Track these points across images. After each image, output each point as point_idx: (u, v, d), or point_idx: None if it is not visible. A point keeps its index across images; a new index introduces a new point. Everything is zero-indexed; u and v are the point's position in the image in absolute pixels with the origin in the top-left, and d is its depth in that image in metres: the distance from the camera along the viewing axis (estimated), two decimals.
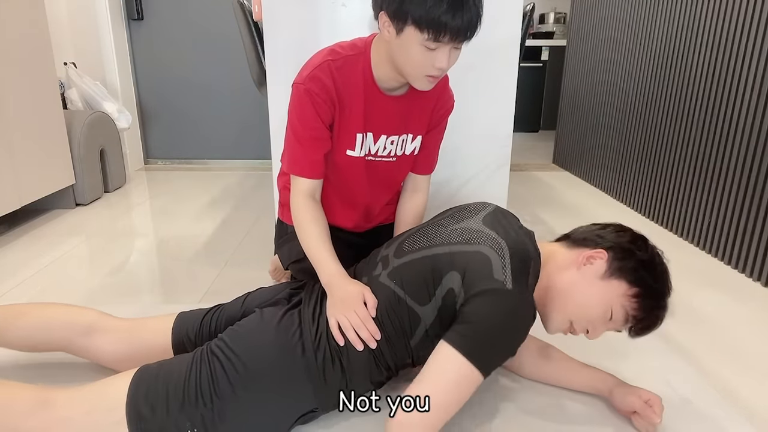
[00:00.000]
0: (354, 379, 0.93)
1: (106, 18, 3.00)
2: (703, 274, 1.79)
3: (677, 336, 1.39)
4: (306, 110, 1.09)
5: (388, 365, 0.95)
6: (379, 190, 1.28)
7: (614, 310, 0.91)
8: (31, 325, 1.08)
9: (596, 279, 0.92)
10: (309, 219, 1.11)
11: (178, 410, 0.85)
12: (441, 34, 0.92)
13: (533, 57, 4.58)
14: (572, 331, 0.97)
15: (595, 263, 0.93)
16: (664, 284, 0.92)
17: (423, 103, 1.18)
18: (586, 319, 0.93)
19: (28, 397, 0.84)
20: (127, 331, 1.07)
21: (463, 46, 0.98)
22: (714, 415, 1.04)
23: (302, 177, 1.13)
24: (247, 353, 0.91)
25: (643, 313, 0.91)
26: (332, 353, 0.92)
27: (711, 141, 1.97)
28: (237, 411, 0.87)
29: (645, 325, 0.93)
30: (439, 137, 1.28)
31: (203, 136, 3.45)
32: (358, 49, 1.11)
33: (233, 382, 0.88)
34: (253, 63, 1.90)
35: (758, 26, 1.71)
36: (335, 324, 0.93)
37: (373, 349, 0.92)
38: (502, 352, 0.87)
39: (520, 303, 0.86)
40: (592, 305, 0.92)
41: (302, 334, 0.94)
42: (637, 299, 0.91)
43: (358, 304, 0.94)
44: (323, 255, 1.06)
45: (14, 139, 2.05)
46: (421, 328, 0.92)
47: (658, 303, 0.92)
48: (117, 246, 2.02)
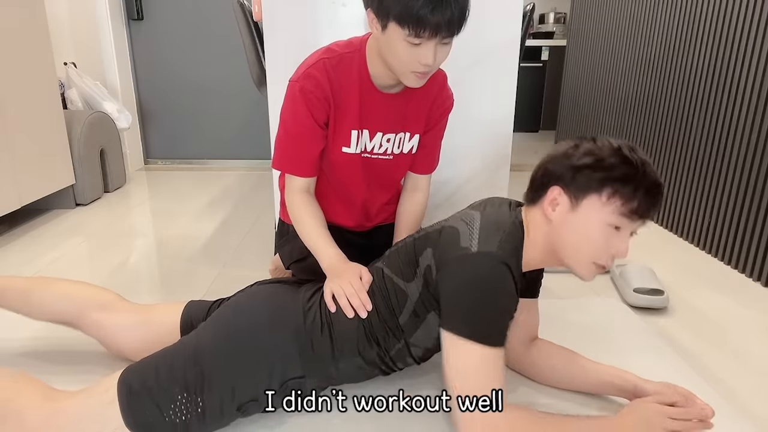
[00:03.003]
0: (343, 348, 0.94)
1: (106, 18, 3.00)
2: (703, 274, 1.79)
3: (677, 336, 1.39)
4: (299, 108, 1.10)
5: (377, 339, 0.95)
6: (377, 189, 1.28)
7: (610, 221, 0.86)
8: (55, 293, 1.14)
9: (570, 214, 0.88)
10: (306, 213, 1.14)
11: (166, 375, 0.87)
12: (421, 29, 0.92)
13: (533, 57, 4.57)
14: (604, 266, 0.90)
15: (559, 202, 0.89)
16: (623, 163, 0.85)
17: (420, 101, 1.18)
18: (597, 249, 0.88)
19: (38, 391, 0.88)
20: (139, 310, 1.13)
21: (454, 42, 0.98)
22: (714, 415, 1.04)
23: (292, 175, 1.15)
24: (236, 314, 0.96)
25: (634, 200, 0.85)
26: (322, 320, 0.95)
27: (711, 141, 1.97)
28: (223, 369, 0.89)
29: (647, 205, 0.85)
30: (438, 137, 1.28)
31: (203, 136, 3.44)
32: (354, 47, 1.11)
33: (220, 339, 0.91)
34: (253, 63, 1.90)
35: (758, 26, 1.71)
36: (329, 293, 0.97)
37: (362, 319, 0.94)
38: (494, 316, 0.84)
39: (482, 263, 0.84)
40: (590, 235, 0.87)
41: (294, 301, 0.98)
42: (616, 196, 0.85)
43: (353, 277, 0.99)
44: (322, 243, 1.11)
45: (14, 139, 2.05)
46: (409, 306, 0.93)
47: (635, 181, 0.84)
48: (117, 246, 2.01)
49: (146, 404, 0.85)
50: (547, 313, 1.11)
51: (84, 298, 1.12)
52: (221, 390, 0.88)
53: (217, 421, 0.89)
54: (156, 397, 0.85)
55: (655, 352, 1.23)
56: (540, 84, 4.72)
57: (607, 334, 1.30)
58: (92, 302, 1.12)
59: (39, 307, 1.14)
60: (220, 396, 0.88)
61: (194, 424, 0.86)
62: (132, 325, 1.09)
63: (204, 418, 0.87)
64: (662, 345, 1.27)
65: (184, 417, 0.86)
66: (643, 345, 1.26)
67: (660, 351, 1.24)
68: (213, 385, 0.87)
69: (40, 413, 0.84)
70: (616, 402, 1.03)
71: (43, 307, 1.13)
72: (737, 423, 1.01)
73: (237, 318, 0.97)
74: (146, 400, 0.85)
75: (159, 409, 0.85)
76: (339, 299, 0.96)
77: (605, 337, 1.29)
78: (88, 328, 1.12)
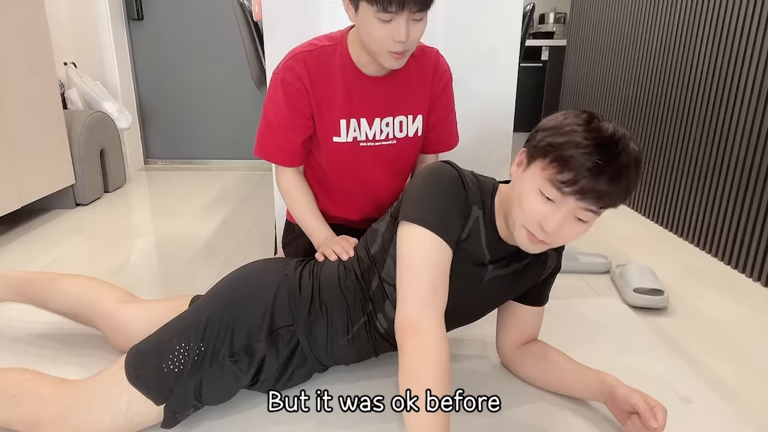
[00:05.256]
0: (327, 285, 1.00)
1: (106, 18, 3.00)
2: (703, 275, 1.79)
3: (677, 336, 1.39)
4: (279, 99, 1.14)
5: (356, 273, 1.01)
6: (386, 177, 1.27)
7: (543, 189, 0.80)
8: (74, 285, 1.19)
9: (521, 174, 0.86)
10: (294, 190, 1.22)
11: (169, 330, 0.94)
12: (388, 3, 0.94)
13: (533, 57, 4.57)
14: (541, 240, 0.85)
15: (521, 163, 0.88)
16: (576, 133, 0.78)
17: (419, 81, 1.18)
18: (525, 213, 0.83)
19: (51, 377, 0.93)
20: (148, 302, 1.19)
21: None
22: (714, 416, 1.04)
23: (270, 161, 1.21)
24: (233, 274, 1.05)
25: (568, 173, 0.77)
26: (311, 269, 1.04)
27: (711, 141, 1.97)
28: (220, 315, 0.94)
29: (583, 182, 0.76)
30: (446, 112, 1.27)
31: (203, 136, 3.44)
32: (335, 40, 1.14)
33: (219, 292, 0.99)
34: (253, 63, 1.90)
35: (758, 26, 1.71)
36: (320, 254, 1.08)
37: (342, 261, 1.04)
38: (437, 206, 0.88)
39: (438, 165, 0.93)
40: (524, 197, 0.83)
41: (287, 262, 1.06)
42: (554, 164, 0.78)
43: (342, 240, 1.10)
44: (314, 222, 1.20)
45: (14, 139, 2.05)
46: (378, 238, 1.01)
47: (578, 154, 0.76)
48: (117, 246, 2.02)
49: (148, 358, 0.90)
50: (547, 313, 1.11)
51: (99, 289, 1.18)
52: (218, 336, 0.92)
53: (210, 371, 0.91)
54: (158, 349, 0.91)
55: (655, 352, 1.23)
56: (540, 84, 4.72)
57: (607, 334, 1.30)
58: (106, 294, 1.17)
59: (62, 296, 1.18)
60: (216, 342, 0.92)
61: (189, 373, 0.90)
62: (141, 314, 1.14)
63: (200, 367, 0.90)
64: (662, 345, 1.27)
65: (181, 366, 0.89)
66: (643, 345, 1.26)
67: (660, 351, 1.24)
68: (211, 331, 0.92)
69: (53, 390, 0.89)
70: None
71: (66, 296, 1.18)
72: (737, 423, 1.01)
73: (233, 276, 1.04)
74: (148, 354, 0.91)
75: (159, 359, 0.90)
76: (325, 251, 1.07)
77: (605, 337, 1.29)
78: (99, 318, 1.16)
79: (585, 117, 0.81)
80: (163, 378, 0.88)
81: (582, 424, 0.99)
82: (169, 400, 0.88)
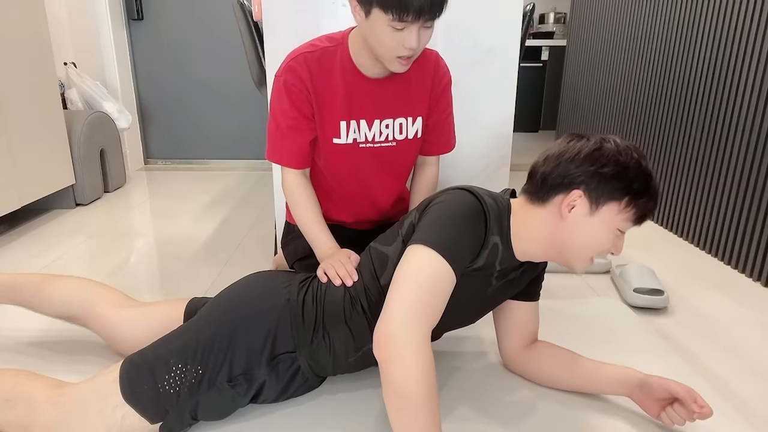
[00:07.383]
0: (331, 316, 0.96)
1: (106, 18, 3.00)
2: (703, 274, 1.79)
3: (677, 336, 1.39)
4: (283, 100, 1.13)
5: (362, 306, 0.96)
6: (386, 179, 1.27)
7: (621, 227, 0.90)
8: (66, 286, 1.18)
9: (587, 217, 0.89)
10: (301, 197, 1.19)
11: (165, 348, 0.92)
12: (404, 13, 0.94)
13: (533, 57, 4.58)
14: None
15: (577, 205, 0.90)
16: (644, 177, 0.89)
17: (419, 83, 1.18)
18: (602, 250, 0.92)
19: (45, 380, 0.93)
20: (144, 306, 1.16)
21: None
22: (713, 415, 1.04)
23: (282, 165, 1.19)
24: (232, 291, 1.02)
25: (643, 209, 0.90)
26: (314, 294, 0.99)
27: (711, 141, 1.97)
28: (219, 340, 0.92)
29: (651, 213, 0.92)
30: (445, 115, 1.26)
31: (203, 136, 3.45)
32: (336, 41, 1.14)
33: (218, 313, 0.96)
34: (253, 63, 1.90)
35: (758, 26, 1.71)
36: (321, 271, 1.03)
37: (348, 288, 0.98)
38: (452, 232, 0.86)
39: (455, 192, 0.92)
40: (601, 238, 0.90)
41: (290, 281, 1.02)
42: (631, 205, 0.89)
43: (344, 257, 1.05)
44: (317, 231, 1.17)
45: (14, 139, 2.05)
46: (389, 267, 0.96)
47: (649, 196, 0.89)
48: (117, 246, 2.02)
49: (143, 376, 0.88)
50: (547, 313, 1.11)
51: (93, 292, 1.16)
52: (216, 360, 0.90)
53: (207, 394, 0.90)
54: (153, 368, 0.89)
55: (655, 352, 1.23)
56: (540, 84, 4.72)
57: (607, 334, 1.30)
58: (100, 297, 1.15)
59: (50, 299, 1.17)
60: (214, 366, 0.90)
61: (185, 396, 0.88)
62: (136, 319, 1.12)
63: (197, 390, 0.89)
64: (662, 345, 1.27)
65: (177, 388, 0.88)
66: (643, 345, 1.26)
67: (660, 351, 1.24)
68: (209, 354, 0.90)
69: (48, 394, 0.88)
70: (615, 403, 1.03)
71: (54, 299, 1.17)
72: (737, 423, 1.01)
73: (234, 294, 1.01)
74: (144, 371, 0.88)
75: (154, 379, 0.88)
76: (328, 271, 1.02)
77: (605, 337, 1.29)
78: (94, 322, 1.14)
79: (634, 156, 0.88)
80: (159, 399, 0.87)
81: (589, 420, 0.99)
82: (165, 419, 0.88)
